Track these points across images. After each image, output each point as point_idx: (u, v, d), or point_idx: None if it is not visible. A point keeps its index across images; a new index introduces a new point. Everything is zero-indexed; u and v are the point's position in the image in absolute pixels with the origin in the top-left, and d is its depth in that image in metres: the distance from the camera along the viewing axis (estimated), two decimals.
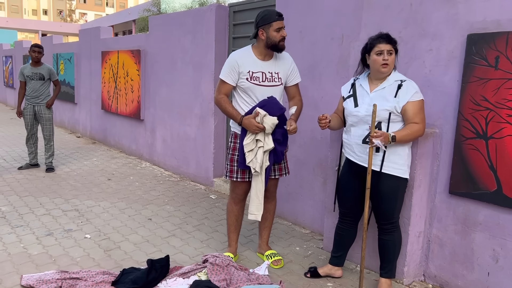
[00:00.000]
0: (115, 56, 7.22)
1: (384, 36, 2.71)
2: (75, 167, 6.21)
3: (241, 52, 3.10)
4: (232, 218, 3.33)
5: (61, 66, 9.43)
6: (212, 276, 2.93)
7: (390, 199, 2.78)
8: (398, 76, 2.77)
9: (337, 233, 3.13)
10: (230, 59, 3.07)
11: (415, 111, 2.67)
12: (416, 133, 2.69)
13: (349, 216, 3.03)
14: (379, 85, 2.77)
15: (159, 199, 4.88)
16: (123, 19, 33.02)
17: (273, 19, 2.94)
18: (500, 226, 2.75)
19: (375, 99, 2.74)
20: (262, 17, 2.97)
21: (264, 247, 3.45)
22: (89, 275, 2.98)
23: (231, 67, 3.03)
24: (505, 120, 2.64)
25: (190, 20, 5.54)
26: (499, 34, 2.64)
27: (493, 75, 2.68)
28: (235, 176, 3.17)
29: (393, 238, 2.88)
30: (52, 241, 3.63)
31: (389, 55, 2.68)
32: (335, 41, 3.72)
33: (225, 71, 3.06)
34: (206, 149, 5.42)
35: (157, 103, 6.35)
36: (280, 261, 3.34)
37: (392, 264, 2.93)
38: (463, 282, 2.96)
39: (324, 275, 3.16)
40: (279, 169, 3.27)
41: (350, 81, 2.97)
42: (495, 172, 2.71)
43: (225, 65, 3.09)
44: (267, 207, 3.34)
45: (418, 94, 2.69)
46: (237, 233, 3.39)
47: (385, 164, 2.74)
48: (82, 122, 8.95)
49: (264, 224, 3.42)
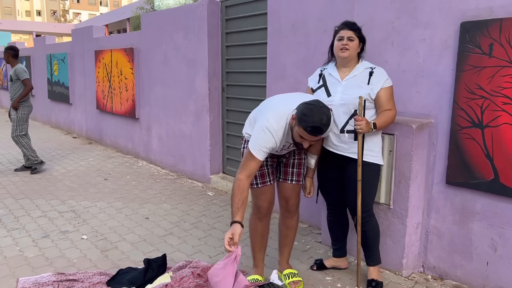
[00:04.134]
0: (109, 55, 7.17)
1: (347, 23, 2.77)
2: (71, 168, 6.17)
3: (281, 130, 2.50)
4: (257, 237, 2.89)
5: (55, 66, 9.37)
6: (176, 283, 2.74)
7: (367, 187, 2.77)
8: (367, 64, 2.81)
9: (329, 225, 3.14)
10: (269, 137, 2.48)
11: (387, 97, 2.71)
12: (391, 119, 2.73)
13: (334, 206, 3.03)
14: (349, 73, 2.77)
15: (156, 198, 4.85)
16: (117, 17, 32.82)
17: (309, 130, 2.35)
18: (498, 215, 2.73)
19: (348, 87, 2.73)
20: (303, 114, 2.36)
21: (284, 265, 3.04)
22: (86, 276, 2.96)
23: (270, 147, 2.51)
24: (501, 108, 2.62)
25: (182, 17, 5.49)
26: (492, 21, 2.61)
27: (487, 63, 2.65)
28: (255, 182, 2.75)
29: (371, 227, 2.87)
30: (49, 243, 3.61)
31: (349, 40, 2.70)
32: (327, 33, 3.68)
33: (261, 149, 2.48)
34: (202, 146, 5.39)
35: (151, 101, 6.31)
36: (300, 282, 2.91)
37: (374, 251, 2.93)
38: (462, 272, 2.94)
39: (330, 267, 3.16)
40: (297, 174, 2.85)
41: (317, 72, 2.94)
42: (491, 161, 2.68)
43: (261, 140, 2.49)
44: (288, 224, 2.94)
45: (389, 81, 2.74)
46: (264, 252, 2.95)
47: (365, 152, 2.73)
48: (77, 123, 8.90)
49: (285, 241, 3.00)
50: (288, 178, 2.86)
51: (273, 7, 4.18)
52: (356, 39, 2.72)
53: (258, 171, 2.76)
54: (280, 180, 2.89)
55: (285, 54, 4.11)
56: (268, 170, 2.81)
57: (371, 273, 2.94)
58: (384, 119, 2.68)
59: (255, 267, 2.97)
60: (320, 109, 2.37)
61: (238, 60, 4.96)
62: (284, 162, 2.85)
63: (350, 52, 2.72)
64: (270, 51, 4.28)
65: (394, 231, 3.06)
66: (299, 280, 2.94)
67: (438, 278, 3.06)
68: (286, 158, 2.83)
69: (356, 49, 2.75)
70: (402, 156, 2.92)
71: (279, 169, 2.88)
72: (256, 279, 2.88)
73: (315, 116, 2.33)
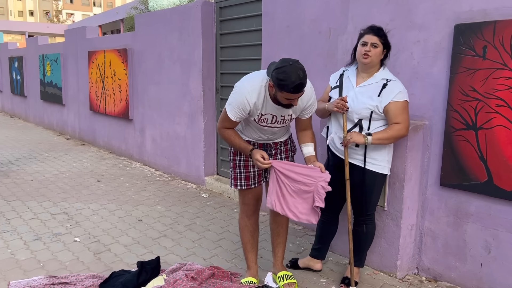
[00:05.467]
0: (102, 56, 7.12)
1: (373, 28, 2.67)
2: (64, 170, 6.12)
3: (256, 90, 2.50)
4: (247, 236, 2.89)
5: (48, 67, 9.30)
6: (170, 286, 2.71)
7: (367, 193, 2.80)
8: (386, 74, 2.73)
9: (318, 226, 3.13)
10: (242, 99, 2.49)
11: (396, 112, 2.63)
12: (397, 133, 2.64)
13: (329, 210, 3.01)
14: (365, 80, 2.74)
15: (149, 200, 4.82)
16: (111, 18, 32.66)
17: (287, 89, 2.32)
18: (491, 217, 2.74)
19: (359, 94, 2.71)
20: (278, 79, 2.32)
21: (279, 267, 2.99)
22: (78, 279, 2.92)
23: (242, 108, 2.51)
24: (494, 110, 2.63)
25: (176, 17, 5.47)
26: (486, 23, 2.62)
27: (481, 65, 2.66)
28: (239, 183, 2.78)
29: (366, 229, 2.90)
30: (41, 246, 3.57)
31: (373, 47, 2.63)
32: (322, 35, 3.68)
33: (234, 109, 2.53)
34: (196, 147, 5.37)
35: (145, 102, 6.28)
36: (294, 284, 2.88)
37: (362, 254, 2.96)
38: (457, 274, 2.95)
39: (303, 267, 3.17)
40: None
41: (339, 71, 2.93)
42: (485, 162, 2.69)
43: (234, 99, 2.53)
44: (278, 220, 2.92)
45: (402, 95, 2.64)
46: (255, 252, 2.94)
47: (367, 160, 2.74)
48: (70, 124, 8.84)
49: (277, 240, 2.97)
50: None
51: (268, 8, 4.17)
52: (380, 46, 2.64)
53: (244, 173, 2.77)
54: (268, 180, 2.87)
55: (280, 55, 4.09)
56: (255, 173, 2.79)
57: (350, 272, 2.95)
58: (386, 133, 2.63)
59: (248, 269, 2.96)
60: (292, 67, 2.31)
61: (233, 62, 4.95)
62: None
63: (372, 59, 2.65)
64: (264, 53, 4.27)
65: (388, 233, 3.06)
66: (294, 282, 2.91)
67: (433, 280, 3.07)
68: (273, 158, 2.81)
69: (379, 56, 2.67)
70: (397, 158, 2.92)
71: (267, 169, 2.85)
72: (250, 281, 2.87)
73: (292, 76, 2.28)
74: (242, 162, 2.78)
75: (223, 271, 3.03)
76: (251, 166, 2.78)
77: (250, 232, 2.89)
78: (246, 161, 2.77)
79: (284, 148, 2.85)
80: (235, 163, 2.81)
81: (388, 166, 2.82)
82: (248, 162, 2.77)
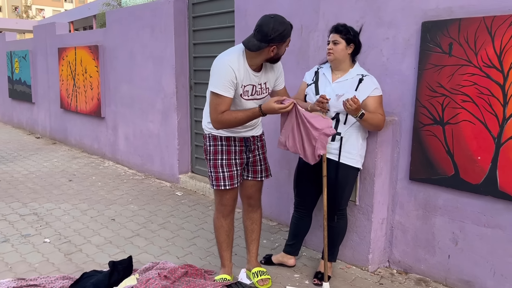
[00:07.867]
0: (73, 53, 6.96)
1: (335, 26, 2.77)
2: (34, 169, 5.96)
3: (235, 60, 2.51)
4: (223, 235, 2.87)
5: (16, 64, 9.03)
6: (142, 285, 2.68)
7: (341, 187, 2.83)
8: (360, 70, 2.81)
9: (292, 222, 3.16)
10: (226, 68, 2.47)
11: (375, 105, 2.72)
12: (379, 122, 2.72)
13: (303, 205, 3.05)
14: (341, 76, 2.79)
15: (122, 199, 4.75)
16: (83, 14, 31.90)
17: (289, 34, 2.47)
18: (458, 210, 2.82)
19: (336, 90, 2.75)
20: (280, 33, 2.41)
21: (253, 263, 3.01)
22: (47, 281, 2.86)
23: (230, 78, 2.47)
24: (460, 106, 2.70)
25: (148, 14, 5.39)
26: (452, 21, 2.68)
27: (447, 61, 2.72)
28: (223, 183, 2.71)
29: (339, 225, 2.95)
30: (8, 248, 3.46)
31: (334, 44, 2.72)
32: (294, 32, 3.67)
33: (222, 83, 2.47)
34: (170, 145, 5.31)
35: (117, 100, 6.17)
36: (268, 280, 2.92)
37: (335, 248, 3.01)
38: (426, 266, 3.02)
39: (277, 263, 3.19)
40: (265, 170, 2.90)
41: (314, 69, 2.98)
42: (452, 157, 2.76)
43: (218, 75, 2.49)
44: (253, 217, 2.97)
45: (378, 90, 2.75)
46: (230, 250, 2.93)
47: (342, 154, 2.77)
48: (41, 122, 8.61)
49: (251, 236, 2.99)
50: (257, 176, 2.88)
51: (240, 5, 4.16)
52: (341, 42, 2.70)
53: (228, 173, 2.73)
54: (249, 178, 2.88)
55: None
56: (238, 172, 2.78)
57: (322, 266, 2.99)
58: (373, 116, 2.67)
59: (223, 267, 2.95)
60: (277, 16, 2.45)
61: (206, 58, 4.91)
62: (251, 160, 2.84)
63: (335, 56, 2.73)
64: None
65: (360, 227, 3.11)
66: (268, 278, 2.94)
67: (403, 272, 3.13)
68: (252, 154, 2.82)
69: (343, 52, 2.72)
70: (367, 153, 2.96)
71: (246, 168, 2.87)
72: (224, 278, 2.87)
73: (285, 21, 2.45)
74: (224, 161, 2.72)
75: (196, 269, 3.02)
76: (233, 164, 2.75)
77: (226, 232, 2.88)
78: (228, 160, 2.73)
79: (260, 144, 2.89)
80: (216, 162, 2.72)
81: (361, 161, 2.87)
82: (231, 161, 2.74)
